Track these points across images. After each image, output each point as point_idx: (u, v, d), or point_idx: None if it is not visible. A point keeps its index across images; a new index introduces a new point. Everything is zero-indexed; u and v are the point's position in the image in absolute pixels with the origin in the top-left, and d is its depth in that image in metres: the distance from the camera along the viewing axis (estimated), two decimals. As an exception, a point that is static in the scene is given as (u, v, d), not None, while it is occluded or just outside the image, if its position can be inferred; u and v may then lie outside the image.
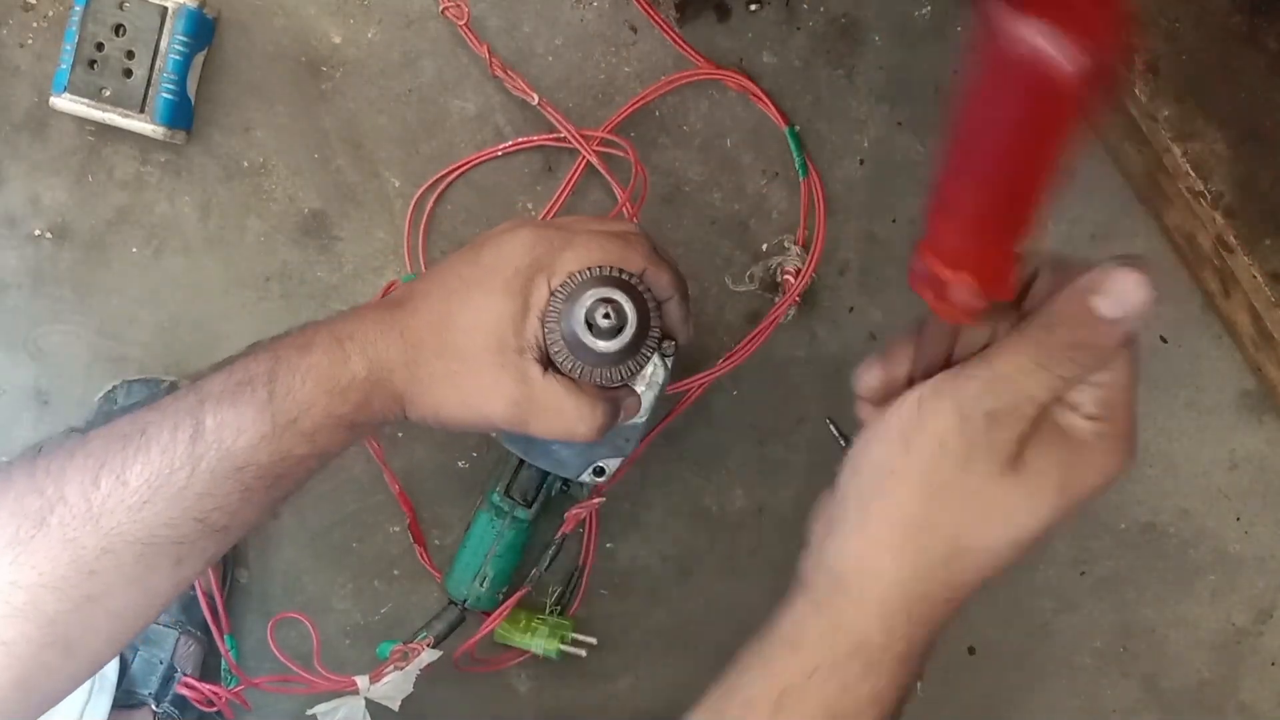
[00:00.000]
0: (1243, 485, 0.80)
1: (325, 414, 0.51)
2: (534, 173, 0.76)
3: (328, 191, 0.76)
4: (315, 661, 0.66)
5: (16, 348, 0.76)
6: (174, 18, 0.71)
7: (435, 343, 0.53)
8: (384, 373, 0.52)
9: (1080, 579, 0.80)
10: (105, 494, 0.47)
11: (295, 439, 0.50)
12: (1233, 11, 0.70)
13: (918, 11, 0.76)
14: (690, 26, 0.75)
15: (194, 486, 0.48)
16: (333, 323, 0.53)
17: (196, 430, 0.49)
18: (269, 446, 0.50)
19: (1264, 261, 0.70)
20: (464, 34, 0.74)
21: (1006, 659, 0.81)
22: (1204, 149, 0.70)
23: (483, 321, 0.52)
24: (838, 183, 0.77)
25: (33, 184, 0.75)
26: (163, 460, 0.48)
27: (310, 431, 0.50)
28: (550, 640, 0.74)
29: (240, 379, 0.50)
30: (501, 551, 0.73)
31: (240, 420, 0.49)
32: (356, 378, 0.51)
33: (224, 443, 0.49)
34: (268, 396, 0.50)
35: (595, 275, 0.52)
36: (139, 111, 0.71)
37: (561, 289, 0.52)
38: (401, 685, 0.70)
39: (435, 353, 0.52)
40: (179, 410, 0.50)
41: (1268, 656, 0.82)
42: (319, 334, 0.52)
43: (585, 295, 0.51)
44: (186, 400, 0.50)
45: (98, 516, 0.47)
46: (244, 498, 0.50)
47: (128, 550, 0.48)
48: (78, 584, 0.47)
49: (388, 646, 0.72)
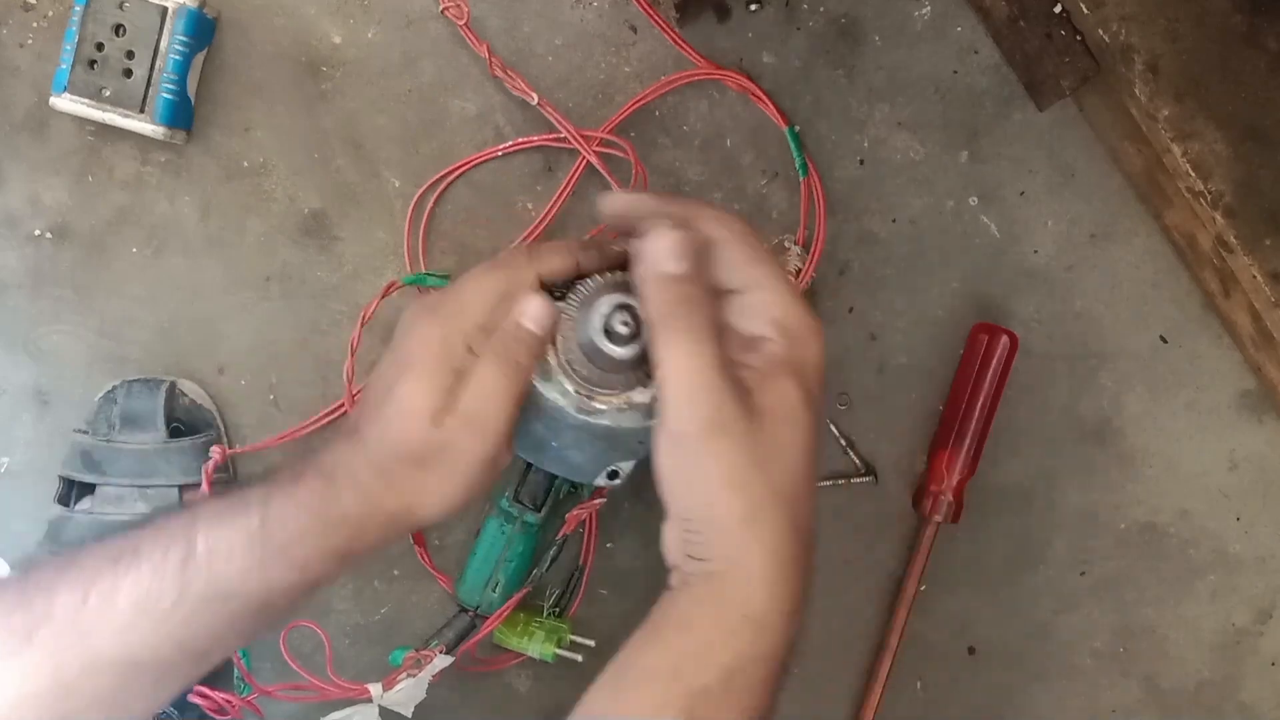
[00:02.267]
0: (1243, 485, 0.80)
1: (316, 545, 0.51)
2: (534, 173, 0.76)
3: (328, 191, 0.76)
4: (328, 669, 0.66)
5: (16, 348, 0.76)
6: (174, 18, 0.71)
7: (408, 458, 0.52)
8: (372, 505, 0.52)
9: (1080, 579, 0.80)
10: (93, 612, 0.48)
11: (285, 568, 0.50)
12: (1233, 11, 0.70)
13: (918, 11, 0.76)
14: (690, 26, 0.75)
15: (180, 610, 0.49)
16: (319, 457, 0.53)
17: (188, 552, 0.49)
18: (258, 574, 0.50)
19: (1264, 261, 0.70)
20: (464, 34, 0.74)
21: (1006, 659, 0.81)
22: (1204, 149, 0.70)
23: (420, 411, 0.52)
24: (838, 183, 0.77)
25: (33, 184, 0.75)
26: (153, 581, 0.48)
27: (300, 562, 0.51)
28: (546, 644, 0.74)
29: (234, 503, 0.51)
30: (512, 557, 0.73)
31: (231, 544, 0.49)
32: (348, 513, 0.52)
33: (214, 568, 0.49)
34: (260, 522, 0.50)
35: (609, 281, 0.52)
36: (139, 111, 0.71)
37: (574, 297, 0.52)
38: (414, 692, 0.70)
39: (414, 466, 0.52)
40: (172, 530, 0.50)
41: (1268, 656, 0.82)
42: (309, 469, 0.53)
43: (600, 302, 0.51)
44: (179, 520, 0.50)
45: (84, 635, 0.47)
46: (228, 624, 0.50)
47: (108, 671, 0.48)
48: (56, 702, 0.47)
49: (400, 654, 0.72)
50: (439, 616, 0.77)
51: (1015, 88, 0.76)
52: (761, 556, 0.46)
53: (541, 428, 0.57)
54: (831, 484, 0.78)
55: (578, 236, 0.75)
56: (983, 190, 0.77)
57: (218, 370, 0.76)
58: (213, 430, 0.74)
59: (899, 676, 0.79)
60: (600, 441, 0.57)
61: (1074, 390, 0.79)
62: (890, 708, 0.79)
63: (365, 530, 0.52)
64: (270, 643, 0.72)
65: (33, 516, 0.74)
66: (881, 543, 0.79)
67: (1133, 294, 0.78)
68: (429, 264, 0.76)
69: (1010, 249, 0.78)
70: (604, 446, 0.58)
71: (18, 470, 0.76)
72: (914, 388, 0.78)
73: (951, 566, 0.79)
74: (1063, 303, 0.78)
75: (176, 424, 0.73)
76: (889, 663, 0.78)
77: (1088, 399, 0.79)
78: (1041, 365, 0.78)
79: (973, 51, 0.77)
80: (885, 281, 0.78)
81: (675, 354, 0.47)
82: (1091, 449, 0.79)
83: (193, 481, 0.72)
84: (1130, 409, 0.79)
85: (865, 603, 0.80)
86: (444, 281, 0.73)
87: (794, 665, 0.47)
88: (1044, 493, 0.80)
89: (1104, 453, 0.79)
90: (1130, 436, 0.79)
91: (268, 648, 0.72)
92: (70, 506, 0.72)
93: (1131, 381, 0.79)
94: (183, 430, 0.73)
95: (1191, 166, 0.70)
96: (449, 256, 0.76)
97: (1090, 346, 0.79)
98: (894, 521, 0.79)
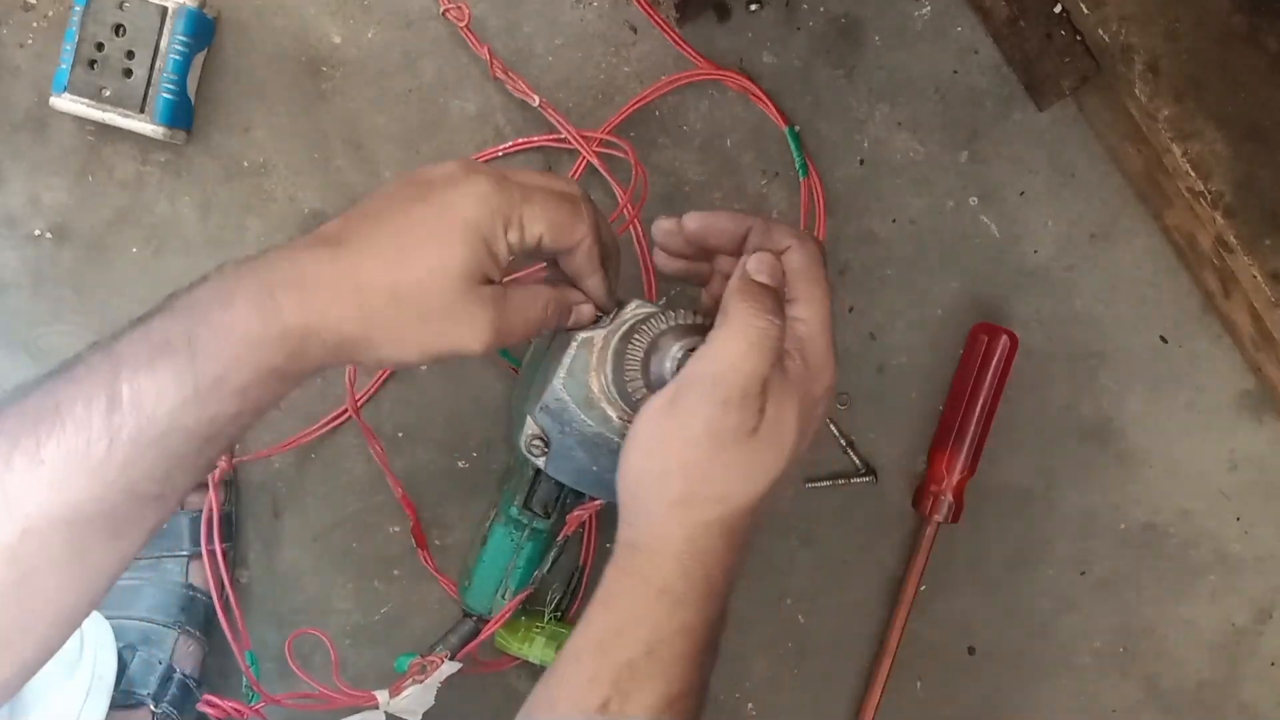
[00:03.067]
0: (1243, 485, 0.80)
1: (253, 370, 0.47)
2: (534, 173, 0.76)
3: (328, 191, 0.76)
4: (334, 677, 0.66)
5: (16, 348, 0.76)
6: (174, 18, 0.71)
7: (389, 286, 0.49)
8: (327, 321, 0.48)
9: (1080, 579, 0.80)
10: (19, 474, 0.45)
11: (222, 399, 0.47)
12: (1233, 11, 0.70)
13: (918, 11, 0.76)
14: (690, 26, 0.75)
15: (115, 457, 0.46)
16: (258, 267, 0.49)
17: (112, 401, 0.46)
18: (194, 410, 0.46)
19: (1264, 261, 0.70)
20: (465, 36, 0.74)
21: (1006, 659, 0.81)
22: (1204, 149, 0.70)
23: (445, 269, 0.50)
24: (838, 183, 0.77)
25: (33, 184, 0.75)
26: (78, 435, 0.45)
27: (238, 389, 0.47)
28: (547, 649, 0.74)
29: (157, 341, 0.47)
30: (521, 564, 0.73)
31: (160, 385, 0.46)
32: (289, 328, 0.48)
33: (143, 410, 0.46)
34: (189, 359, 0.46)
35: (680, 325, 0.53)
36: (139, 111, 0.71)
37: (638, 336, 0.53)
38: (423, 698, 0.70)
39: (390, 298, 0.49)
40: (93, 381, 0.46)
41: (1268, 656, 0.82)
42: (243, 282, 0.48)
43: (674, 349, 0.52)
44: (100, 371, 0.47)
45: (14, 499, 0.45)
46: (174, 463, 0.47)
47: (53, 531, 0.46)
48: (2, 567, 0.45)
49: (405, 660, 0.72)
50: (439, 616, 0.77)
51: (1015, 88, 0.76)
52: (679, 540, 0.48)
53: (583, 454, 0.57)
54: (831, 484, 0.78)
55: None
56: (983, 190, 0.77)
57: (218, 370, 0.76)
58: (213, 430, 0.74)
59: (899, 676, 0.79)
60: None
61: (1074, 390, 0.79)
62: (890, 708, 0.79)
63: (309, 348, 0.49)
64: (276, 649, 0.72)
65: (33, 516, 0.74)
66: (881, 543, 0.79)
67: (1133, 294, 0.78)
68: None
69: (1010, 249, 0.78)
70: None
71: (18, 470, 0.76)
72: (914, 388, 0.78)
73: (951, 566, 0.79)
74: (1063, 303, 0.78)
75: (176, 424, 0.73)
76: (889, 663, 0.78)
77: (1088, 399, 0.79)
78: (1041, 365, 0.78)
79: (973, 51, 0.77)
80: (885, 281, 0.78)
81: (736, 330, 0.49)
82: (1091, 449, 0.79)
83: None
84: (1130, 409, 0.79)
85: (865, 603, 0.80)
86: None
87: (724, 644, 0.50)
88: (1044, 493, 0.80)
89: (1104, 453, 0.79)
90: (1130, 436, 0.79)
91: (275, 654, 0.72)
92: (70, 506, 0.72)
93: (1131, 381, 0.79)
94: (183, 430, 0.73)
95: (1191, 166, 0.70)
96: (449, 256, 0.76)
97: (1090, 346, 0.79)
98: (894, 521, 0.79)
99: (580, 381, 0.56)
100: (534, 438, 0.57)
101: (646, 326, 0.53)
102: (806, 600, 0.80)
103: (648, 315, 0.55)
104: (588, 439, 0.56)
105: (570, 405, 0.55)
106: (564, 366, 0.55)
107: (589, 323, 0.56)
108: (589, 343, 0.56)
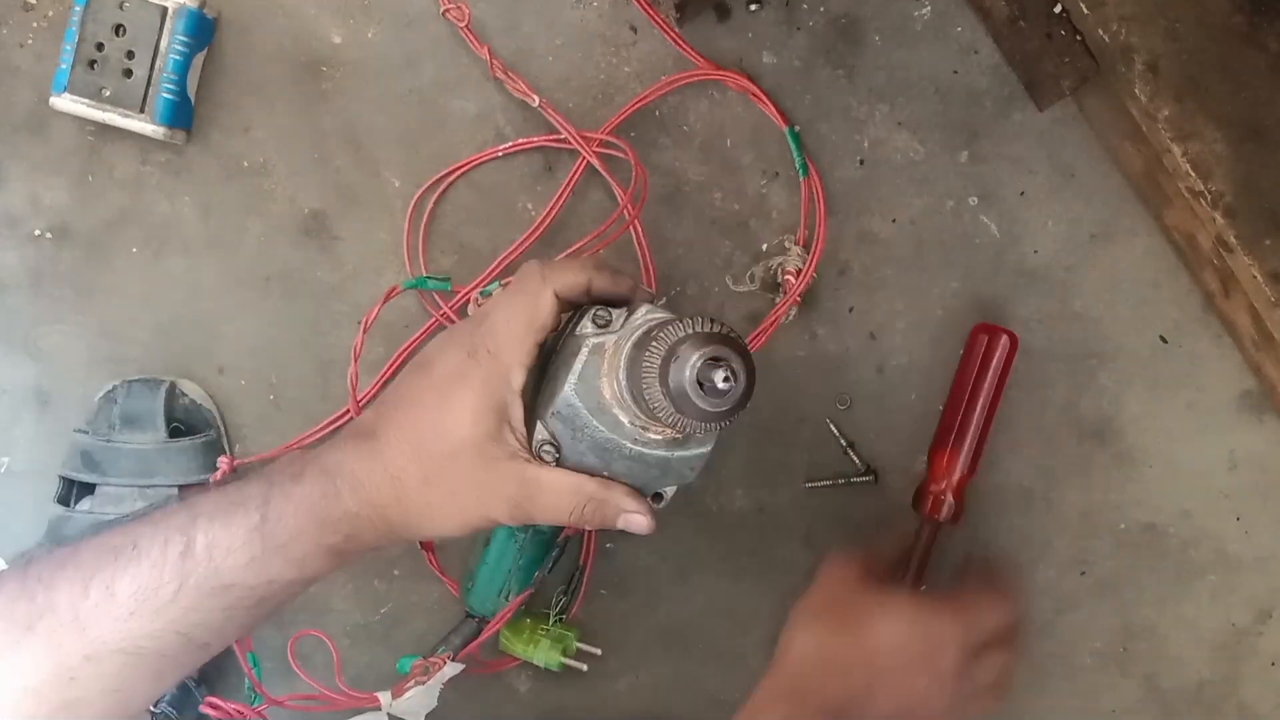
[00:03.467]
0: (1243, 486, 0.80)
1: (314, 543, 0.52)
2: (534, 173, 0.76)
3: (328, 191, 0.76)
4: (336, 679, 0.66)
5: (16, 348, 0.76)
6: (174, 18, 0.71)
7: (419, 473, 0.54)
8: (374, 510, 0.53)
9: (1080, 579, 0.80)
10: (93, 604, 0.48)
11: (283, 564, 0.51)
12: (1233, 11, 0.70)
13: (918, 11, 0.76)
14: (690, 26, 0.75)
15: (180, 601, 0.49)
16: (320, 456, 0.54)
17: (187, 547, 0.50)
18: (257, 568, 0.51)
19: (1264, 261, 0.70)
20: (465, 36, 0.74)
21: (1006, 659, 0.81)
22: (1204, 149, 0.70)
23: (462, 441, 0.54)
24: (838, 183, 0.77)
25: (33, 184, 0.75)
26: (152, 574, 0.49)
27: (299, 558, 0.52)
28: (551, 653, 0.74)
29: (234, 499, 0.52)
30: (524, 565, 0.73)
31: (231, 540, 0.50)
32: (347, 513, 0.53)
33: (214, 561, 0.50)
34: (260, 520, 0.51)
35: (699, 333, 0.51)
36: (139, 111, 0.71)
37: (654, 344, 0.51)
38: (425, 700, 0.70)
39: (422, 483, 0.54)
40: (171, 526, 0.51)
41: (1268, 656, 0.82)
42: (309, 467, 0.53)
43: (694, 357, 0.50)
44: (179, 516, 0.51)
45: (84, 625, 0.48)
46: (227, 615, 0.51)
47: (110, 660, 0.49)
48: (58, 690, 0.48)
49: (408, 661, 0.72)
50: (440, 615, 0.77)
51: (1015, 88, 0.76)
52: None
53: (595, 458, 0.57)
54: (832, 484, 0.78)
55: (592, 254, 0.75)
56: (983, 190, 0.77)
57: (218, 370, 0.76)
58: (213, 430, 0.74)
59: (899, 676, 0.79)
60: (653, 469, 0.58)
61: (1074, 390, 0.79)
62: (890, 708, 0.79)
63: (362, 533, 0.53)
64: (278, 649, 0.72)
65: (33, 516, 0.74)
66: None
67: (1133, 294, 0.78)
68: (429, 264, 0.76)
69: (1010, 249, 0.78)
70: (656, 473, 0.58)
71: (18, 470, 0.76)
72: (914, 388, 0.78)
73: (952, 566, 0.79)
74: (1063, 303, 0.78)
75: (176, 424, 0.73)
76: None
77: (1088, 399, 0.79)
78: (1041, 365, 0.78)
79: (973, 51, 0.77)
80: (885, 281, 0.78)
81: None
82: (1091, 449, 0.79)
83: (193, 481, 0.72)
84: (1130, 409, 0.79)
85: (865, 603, 0.80)
86: (445, 285, 0.73)
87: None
88: (1044, 493, 0.80)
89: (1104, 453, 0.79)
90: (1130, 436, 0.79)
91: (275, 655, 0.72)
92: (70, 506, 0.72)
93: (1131, 381, 0.79)
94: (183, 430, 0.73)
95: (1191, 166, 0.70)
96: (449, 257, 0.76)
97: (1090, 346, 0.79)
98: (894, 521, 0.79)
99: (592, 387, 0.55)
100: (545, 443, 0.57)
101: (663, 334, 0.52)
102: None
103: (663, 322, 0.53)
104: (599, 444, 0.56)
105: (582, 411, 0.55)
106: (575, 372, 0.55)
107: (639, 530, 0.58)
108: (600, 348, 0.56)
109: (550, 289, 0.56)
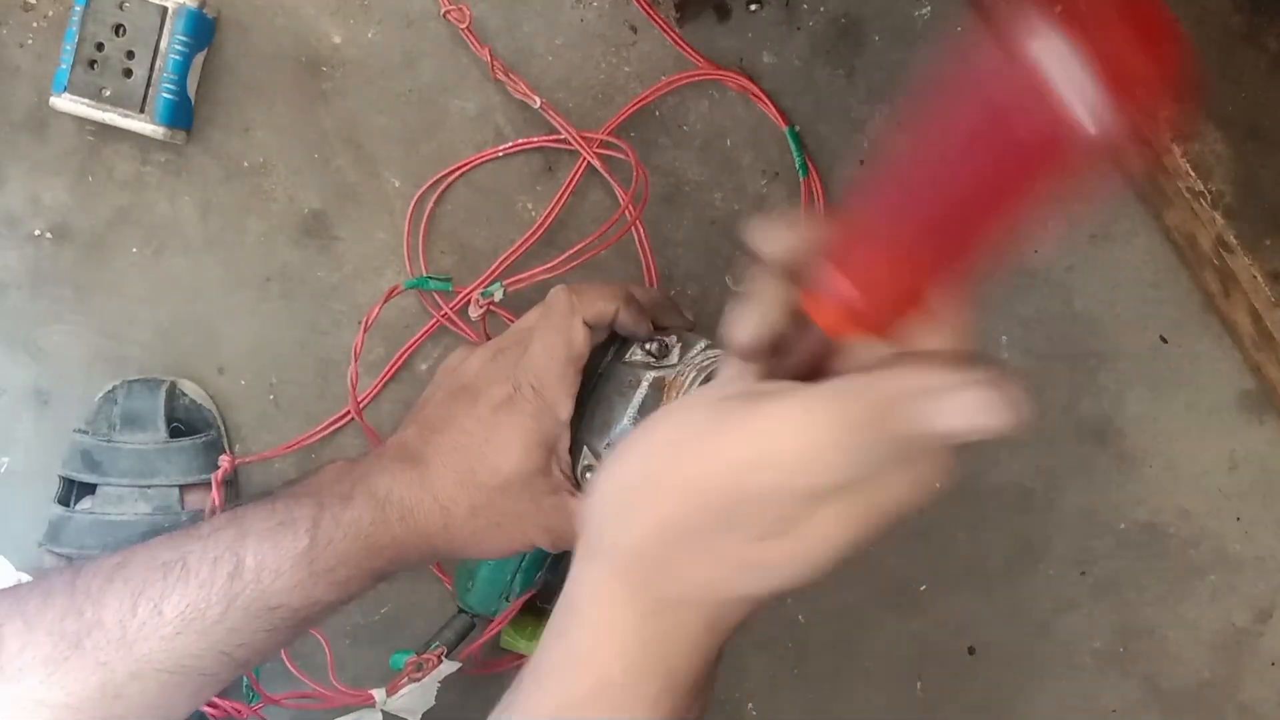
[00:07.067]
0: (1243, 485, 0.80)
1: (360, 567, 0.53)
2: (534, 173, 0.76)
3: (328, 191, 0.76)
4: (330, 676, 0.66)
5: (16, 348, 0.76)
6: (174, 18, 0.71)
7: (467, 504, 0.55)
8: (421, 538, 0.54)
9: (1080, 579, 0.80)
10: (141, 622, 0.49)
11: (328, 586, 0.52)
12: (1233, 11, 0.70)
13: (918, 11, 0.76)
14: (690, 26, 0.75)
15: (226, 622, 0.50)
16: (368, 477, 0.54)
17: (236, 568, 0.50)
18: (303, 591, 0.51)
19: (1264, 261, 0.70)
20: (466, 37, 0.74)
21: (1006, 659, 0.81)
22: (1204, 149, 0.70)
23: (510, 475, 0.55)
24: (838, 183, 0.77)
25: (33, 184, 0.75)
26: (199, 594, 0.50)
27: (343, 580, 0.52)
28: None
29: (283, 519, 0.52)
30: (526, 565, 0.72)
31: (280, 563, 0.51)
32: (395, 539, 0.54)
33: (261, 584, 0.50)
34: (309, 544, 0.51)
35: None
36: (139, 111, 0.71)
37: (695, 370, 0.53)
38: (422, 697, 0.70)
39: (469, 513, 0.55)
40: (220, 543, 0.51)
41: (1268, 657, 0.82)
42: (358, 488, 0.54)
43: None
44: (227, 532, 0.51)
45: (131, 643, 0.48)
46: (270, 635, 0.51)
47: (154, 678, 0.49)
48: (102, 707, 0.48)
49: (401, 657, 0.71)
50: (439, 616, 0.77)
51: (1015, 88, 0.76)
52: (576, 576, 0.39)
53: None
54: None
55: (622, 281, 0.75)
56: (983, 190, 0.77)
57: (218, 370, 0.76)
58: (213, 430, 0.74)
59: (899, 677, 0.79)
60: None
61: (1074, 390, 0.79)
62: (890, 708, 0.79)
63: (407, 556, 0.55)
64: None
65: (33, 516, 0.74)
66: (882, 543, 0.79)
67: (1133, 294, 0.78)
68: (429, 264, 0.76)
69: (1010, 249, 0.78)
70: None
71: (18, 470, 0.76)
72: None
73: (952, 566, 0.79)
74: (1063, 303, 0.78)
75: (176, 424, 0.73)
76: None
77: (1088, 399, 0.79)
78: (1041, 365, 0.78)
79: (973, 51, 0.76)
80: (885, 281, 0.78)
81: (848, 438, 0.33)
82: (1091, 449, 0.79)
83: (193, 481, 0.72)
84: (1130, 409, 0.79)
85: (865, 603, 0.80)
86: (446, 285, 0.73)
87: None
88: (1044, 492, 0.80)
89: (1104, 453, 0.79)
90: (1130, 436, 0.79)
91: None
92: (70, 506, 0.72)
93: (1131, 381, 0.79)
94: (183, 430, 0.73)
95: (1191, 166, 0.70)
96: (449, 257, 0.76)
97: (1090, 346, 0.79)
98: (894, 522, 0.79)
99: None
100: (589, 468, 0.58)
101: (704, 362, 0.53)
102: (806, 600, 0.80)
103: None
104: None
105: None
106: (634, 405, 0.56)
107: None
108: (660, 382, 0.56)
109: (580, 319, 0.57)
